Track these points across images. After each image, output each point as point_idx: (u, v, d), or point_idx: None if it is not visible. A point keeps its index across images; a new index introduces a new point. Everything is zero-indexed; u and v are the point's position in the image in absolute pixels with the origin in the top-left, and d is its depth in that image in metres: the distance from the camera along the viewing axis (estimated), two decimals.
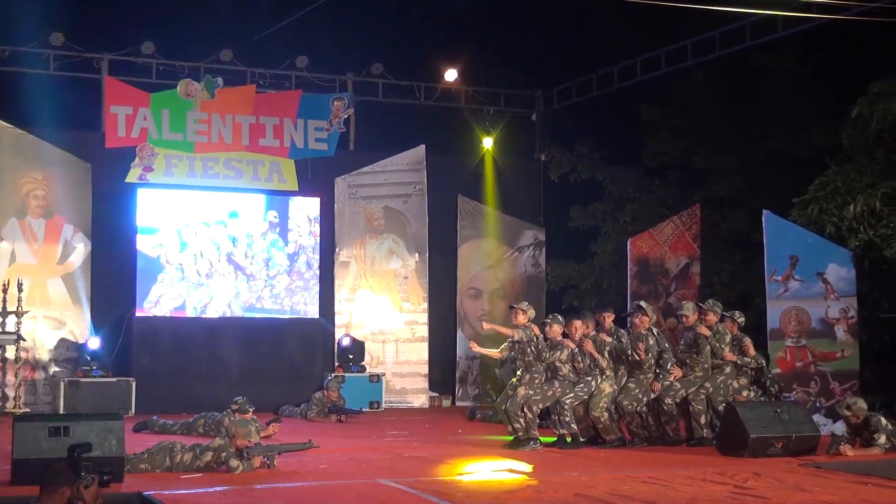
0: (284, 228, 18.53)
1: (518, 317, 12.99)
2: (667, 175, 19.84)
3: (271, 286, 18.39)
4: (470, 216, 20.28)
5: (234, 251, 18.18)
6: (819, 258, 15.24)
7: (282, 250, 18.47)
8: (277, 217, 18.45)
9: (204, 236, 18.02)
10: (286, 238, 18.53)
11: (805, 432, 12.29)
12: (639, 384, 13.20)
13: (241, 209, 18.27)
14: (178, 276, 17.82)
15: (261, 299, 18.35)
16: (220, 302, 18.08)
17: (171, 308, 17.77)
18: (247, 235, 18.25)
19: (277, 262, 18.44)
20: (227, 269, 18.12)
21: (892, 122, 14.55)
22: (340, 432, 14.71)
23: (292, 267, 18.54)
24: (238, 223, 18.24)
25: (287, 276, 18.49)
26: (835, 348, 15.20)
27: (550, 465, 11.39)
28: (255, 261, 18.31)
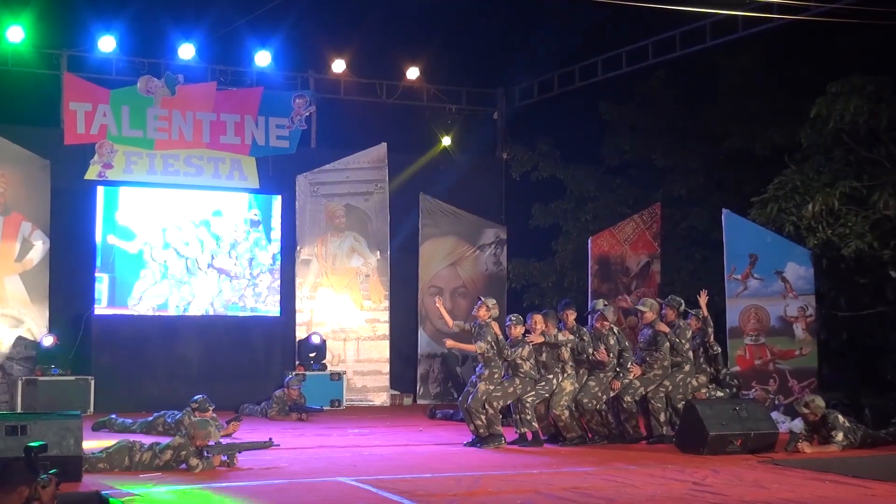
0: (268, 227, 18.43)
1: (480, 311, 12.96)
2: (627, 174, 19.90)
3: (254, 284, 18.29)
4: (431, 214, 20.28)
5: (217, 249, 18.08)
6: (778, 257, 15.34)
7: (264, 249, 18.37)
8: (259, 216, 18.36)
9: (185, 235, 17.90)
10: (269, 236, 18.42)
11: (763, 430, 12.35)
12: (599, 382, 13.23)
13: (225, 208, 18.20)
14: (160, 274, 17.71)
15: (243, 298, 18.26)
16: (203, 301, 17.97)
17: (154, 306, 17.64)
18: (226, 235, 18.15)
19: (260, 261, 18.34)
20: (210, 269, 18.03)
21: (849, 121, 14.65)
22: (301, 431, 14.64)
23: (274, 264, 18.44)
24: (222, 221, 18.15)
25: (270, 274, 18.40)
26: (793, 346, 15.31)
27: (511, 463, 11.39)
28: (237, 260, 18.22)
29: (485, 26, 19.26)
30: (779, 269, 15.36)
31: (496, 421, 12.76)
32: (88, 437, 11.48)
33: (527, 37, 19.76)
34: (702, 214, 18.48)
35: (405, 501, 8.87)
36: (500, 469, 10.92)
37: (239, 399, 16.92)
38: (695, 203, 18.79)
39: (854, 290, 15.20)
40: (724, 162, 18.70)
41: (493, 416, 12.75)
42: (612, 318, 13.50)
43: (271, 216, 18.47)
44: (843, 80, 14.74)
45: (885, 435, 12.93)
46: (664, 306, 13.64)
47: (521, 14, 19.02)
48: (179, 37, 18.23)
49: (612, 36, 18.48)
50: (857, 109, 14.55)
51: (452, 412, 16.15)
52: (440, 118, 20.67)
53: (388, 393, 19.26)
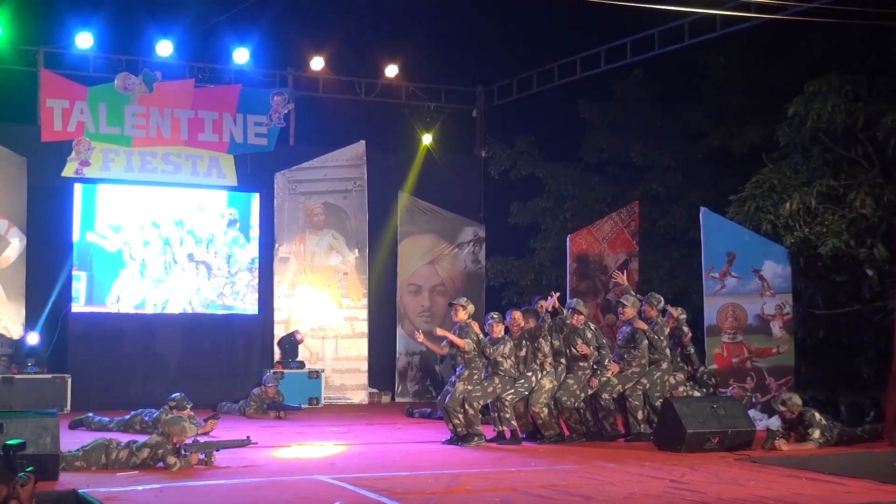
0: (246, 225, 18.39)
1: (458, 313, 12.96)
2: (606, 172, 19.94)
3: (232, 283, 18.25)
4: (410, 212, 20.27)
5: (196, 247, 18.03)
6: (755, 255, 15.40)
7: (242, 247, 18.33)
8: (235, 213, 18.33)
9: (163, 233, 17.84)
10: (248, 235, 18.38)
11: (741, 427, 12.40)
12: (577, 380, 13.25)
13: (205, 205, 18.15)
14: (138, 272, 17.65)
15: (222, 296, 18.21)
16: (181, 300, 17.92)
17: (132, 305, 17.59)
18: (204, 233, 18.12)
19: (238, 259, 18.30)
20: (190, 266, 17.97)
21: (827, 120, 14.72)
22: (279, 429, 14.63)
23: (253, 262, 18.39)
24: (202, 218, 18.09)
25: (248, 272, 18.36)
26: (770, 344, 15.37)
27: (489, 461, 11.40)
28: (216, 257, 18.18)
29: (464, 24, 19.27)
30: (756, 267, 15.42)
31: (476, 420, 12.76)
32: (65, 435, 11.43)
33: (506, 35, 19.77)
34: (680, 213, 18.54)
35: (383, 499, 8.87)
36: (478, 467, 10.93)
37: (217, 397, 16.87)
38: (673, 201, 18.84)
39: (831, 288, 15.27)
40: (702, 160, 18.76)
41: (473, 416, 12.75)
42: (585, 312, 13.52)
43: (249, 214, 18.41)
44: (821, 79, 14.81)
45: (860, 432, 13.00)
46: (643, 303, 13.67)
47: (499, 12, 19.03)
48: (157, 34, 18.17)
49: (590, 34, 18.50)
50: (835, 108, 14.62)
51: (430, 411, 16.15)
52: (419, 116, 20.66)
53: (367, 391, 19.25)
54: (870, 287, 14.77)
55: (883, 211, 14.50)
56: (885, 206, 14.48)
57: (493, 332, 12.99)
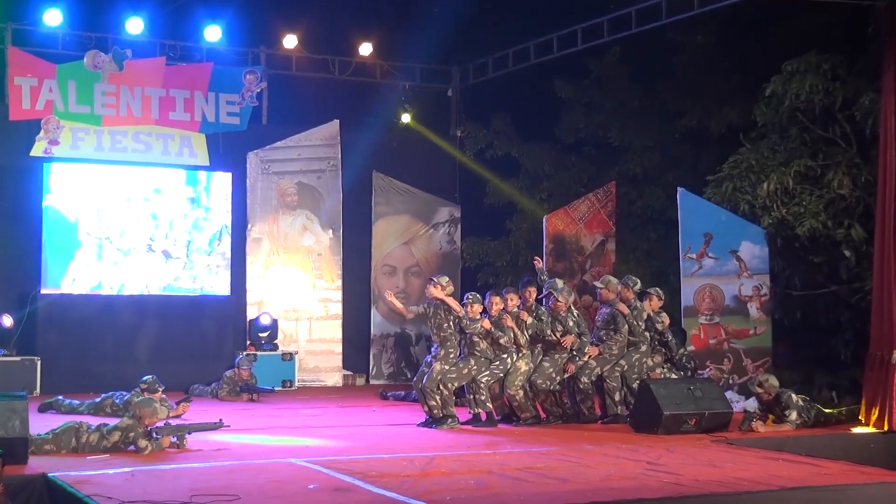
0: (206, 206, 18.33)
1: (431, 290, 12.93)
2: (582, 151, 19.93)
3: (191, 266, 18.17)
4: (384, 192, 20.23)
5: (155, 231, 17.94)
6: (733, 236, 15.46)
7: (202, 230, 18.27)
8: (194, 194, 18.25)
9: (122, 214, 17.75)
10: (207, 216, 18.32)
11: (718, 409, 12.46)
12: (553, 363, 13.27)
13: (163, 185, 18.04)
14: (95, 254, 17.55)
15: (179, 279, 18.13)
16: (138, 282, 17.83)
17: (88, 287, 17.49)
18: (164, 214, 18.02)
19: (198, 242, 18.22)
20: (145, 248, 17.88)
21: (805, 100, 14.75)
22: (252, 411, 14.62)
23: (213, 246, 18.33)
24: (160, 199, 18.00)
25: (208, 256, 18.29)
26: (748, 325, 15.44)
27: (465, 443, 11.42)
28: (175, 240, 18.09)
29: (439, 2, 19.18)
30: (733, 248, 15.48)
31: (450, 402, 12.79)
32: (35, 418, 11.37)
33: (481, 13, 19.70)
34: (657, 193, 18.56)
35: (357, 482, 8.87)
36: (453, 449, 10.94)
37: (189, 380, 16.81)
38: (650, 181, 18.86)
39: (808, 269, 15.33)
40: (679, 140, 18.77)
41: (448, 398, 12.77)
42: (569, 299, 13.53)
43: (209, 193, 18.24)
44: (799, 58, 14.83)
45: (837, 414, 13.07)
46: (621, 286, 13.69)
47: None
48: (127, 10, 18.00)
49: (567, 13, 18.47)
50: (813, 88, 14.66)
51: (404, 393, 16.16)
52: (394, 95, 20.59)
53: (341, 373, 19.22)
54: (847, 268, 14.83)
55: (860, 191, 14.55)
56: (863, 187, 14.53)
57: (470, 313, 12.98)
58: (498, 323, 12.98)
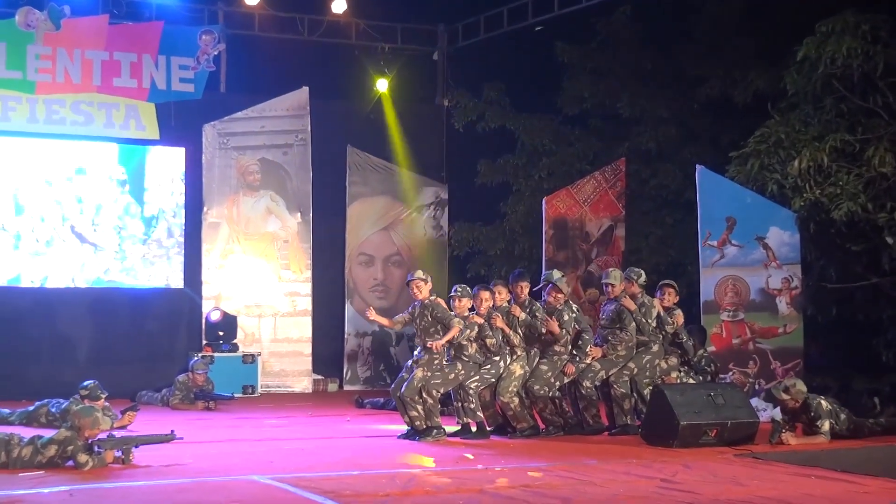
0: (140, 188, 18.27)
1: (421, 290, 12.89)
2: (588, 124, 19.94)
3: (123, 258, 18.12)
4: (361, 170, 20.22)
5: (80, 216, 17.89)
6: (759, 220, 15.46)
7: (136, 217, 18.21)
8: (126, 174, 18.19)
9: (44, 197, 17.69)
10: (142, 199, 18.27)
11: (742, 418, 12.45)
12: (552, 366, 13.26)
13: (88, 164, 17.98)
14: (12, 243, 17.49)
15: (109, 272, 18.07)
16: (62, 275, 17.77)
17: (5, 280, 17.44)
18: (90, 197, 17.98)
19: (131, 230, 18.15)
20: (71, 237, 17.83)
21: (841, 66, 14.73)
22: (209, 422, 14.62)
23: (150, 234, 18.29)
24: (85, 181, 17.94)
25: (143, 245, 18.24)
26: (776, 323, 15.45)
27: (452, 458, 11.41)
28: (104, 228, 18.03)
29: None
30: (760, 234, 15.49)
31: (435, 411, 12.77)
32: None
33: None
34: (673, 171, 18.58)
35: (329, 502, 8.87)
36: (439, 465, 10.94)
37: (136, 385, 16.84)
38: (665, 158, 18.88)
39: (845, 258, 15.35)
40: (698, 111, 18.79)
41: (433, 406, 12.75)
42: (566, 291, 13.53)
43: (144, 174, 18.24)
44: (835, 18, 14.82)
45: (874, 423, 13.07)
46: (624, 279, 13.69)
47: None
48: None
49: None
50: (851, 52, 14.64)
51: (383, 401, 16.16)
52: (371, 59, 20.56)
53: (311, 378, 19.24)
54: (890, 257, 14.86)
55: None
56: None
57: (458, 309, 12.95)
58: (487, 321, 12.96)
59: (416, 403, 12.71)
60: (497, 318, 12.98)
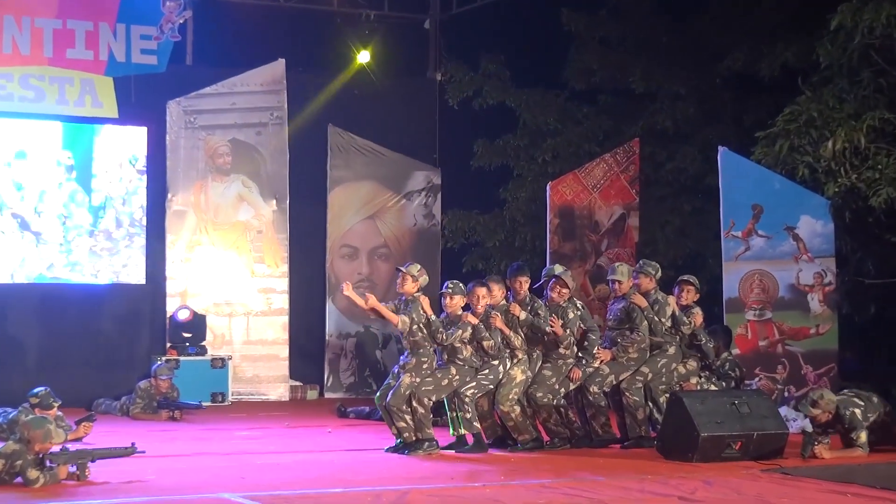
0: (87, 173, 18.24)
1: (406, 283, 12.89)
2: (597, 101, 19.94)
3: (68, 251, 18.09)
4: (343, 152, 20.20)
5: (21, 204, 17.87)
6: (789, 208, 15.48)
7: (82, 206, 18.20)
8: (73, 158, 18.19)
9: None
10: (89, 186, 18.24)
11: (769, 429, 12.46)
12: (556, 371, 13.25)
13: (30, 147, 17.96)
14: None
15: (52, 268, 18.05)
16: (1, 270, 17.77)
17: None
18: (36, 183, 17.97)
19: (77, 220, 18.13)
20: (11, 228, 17.80)
21: (881, 35, 14.73)
22: (174, 433, 14.64)
23: (97, 223, 18.26)
24: (26, 165, 17.92)
25: (90, 237, 18.21)
26: (808, 323, 15.47)
27: (446, 474, 11.42)
28: (48, 217, 18.00)
29: None
30: (789, 223, 15.51)
31: (426, 422, 12.75)
32: None
33: None
34: (692, 153, 18.59)
35: None
36: (431, 481, 10.94)
37: (92, 393, 16.87)
38: (683, 139, 18.88)
39: (885, 250, 15.38)
40: (720, 86, 18.80)
41: (423, 416, 12.73)
42: (572, 285, 13.50)
43: (92, 158, 18.24)
44: None
45: None
46: (636, 274, 13.67)
47: None
48: None
49: None
50: (891, 20, 14.63)
51: (368, 410, 16.16)
52: (355, 28, 20.54)
53: (287, 384, 19.24)
54: None
55: None
56: None
57: (450, 307, 12.92)
58: (485, 321, 12.94)
59: (404, 413, 12.70)
60: (496, 318, 12.96)
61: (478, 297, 13.02)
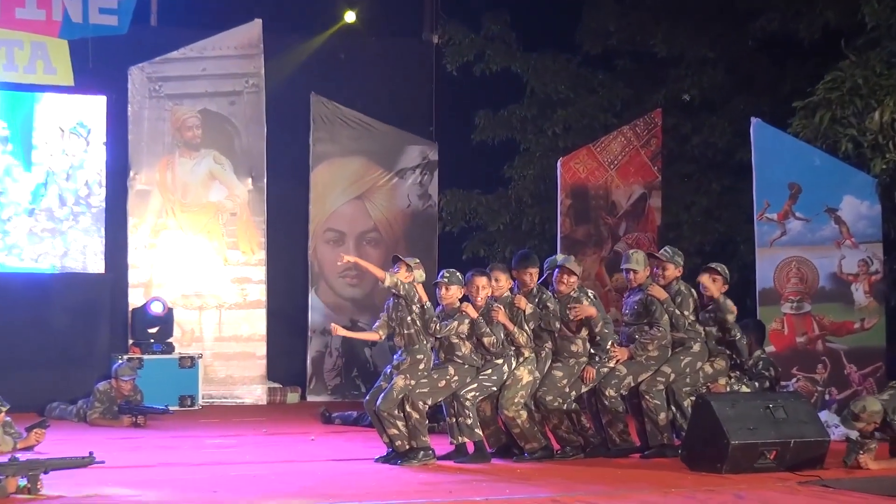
0: (27, 144, 18.24)
1: (400, 271, 12.85)
2: (614, 66, 19.96)
3: (4, 233, 18.09)
4: (328, 124, 20.20)
5: None
6: (830, 187, 15.48)
7: (19, 181, 18.21)
8: (8, 128, 18.21)
9: None
10: (28, 160, 18.24)
11: (808, 436, 12.46)
12: (567, 371, 13.22)
13: None
14: None
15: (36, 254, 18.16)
16: None
17: None
18: None
19: (13, 196, 18.13)
20: None
21: None
22: (137, 441, 14.64)
23: (38, 201, 18.25)
24: None
25: (29, 216, 18.21)
26: (851, 317, 15.48)
27: (444, 487, 11.43)
28: None
29: None
30: (831, 205, 15.51)
31: (421, 428, 12.73)
32: None
33: None
34: (721, 126, 18.60)
35: None
36: (427, 495, 10.96)
37: (45, 396, 16.89)
38: (711, 109, 18.89)
39: None
40: (753, 50, 18.79)
41: (418, 422, 12.72)
42: (579, 271, 13.42)
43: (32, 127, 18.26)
44: None
45: None
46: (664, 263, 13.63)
47: None
48: None
49: None
50: None
51: (356, 415, 16.18)
52: None
53: (265, 386, 19.26)
54: None
55: None
56: None
57: (446, 299, 12.88)
58: (486, 315, 12.93)
59: (396, 419, 12.68)
60: (498, 312, 12.93)
61: (477, 287, 12.94)
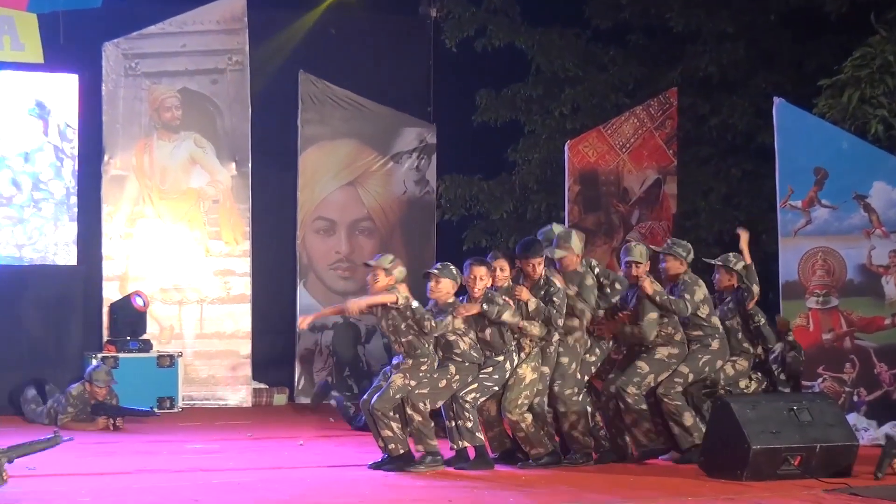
0: None
1: (378, 280, 12.76)
2: (626, 42, 19.94)
3: None
4: (318, 105, 20.19)
5: None
6: (859, 172, 15.45)
7: None
8: None
9: None
10: None
11: (835, 441, 12.45)
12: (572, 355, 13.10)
13: None
14: None
15: None
16: None
17: None
18: None
19: None
20: None
21: None
22: (112, 446, 14.66)
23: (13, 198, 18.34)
24: None
25: None
26: (882, 312, 15.45)
27: (443, 495, 11.42)
28: None
29: None
30: (860, 191, 15.47)
31: (427, 431, 12.67)
32: None
33: None
34: (741, 106, 18.59)
35: None
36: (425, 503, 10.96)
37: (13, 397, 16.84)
38: (730, 89, 18.88)
39: None
40: (775, 25, 18.77)
41: (422, 425, 12.65)
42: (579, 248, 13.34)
43: None
44: None
45: None
46: (664, 256, 13.60)
47: None
48: None
49: None
50: None
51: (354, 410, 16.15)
52: None
53: (250, 387, 19.28)
54: None
55: None
56: None
57: (436, 293, 12.76)
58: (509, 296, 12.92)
59: (391, 420, 12.66)
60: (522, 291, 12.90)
61: (475, 277, 12.84)
